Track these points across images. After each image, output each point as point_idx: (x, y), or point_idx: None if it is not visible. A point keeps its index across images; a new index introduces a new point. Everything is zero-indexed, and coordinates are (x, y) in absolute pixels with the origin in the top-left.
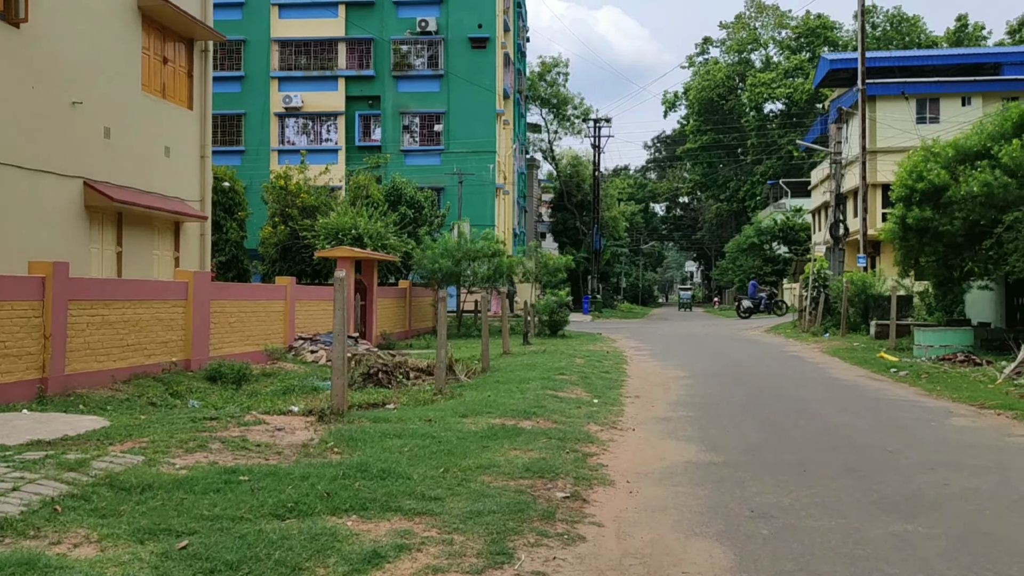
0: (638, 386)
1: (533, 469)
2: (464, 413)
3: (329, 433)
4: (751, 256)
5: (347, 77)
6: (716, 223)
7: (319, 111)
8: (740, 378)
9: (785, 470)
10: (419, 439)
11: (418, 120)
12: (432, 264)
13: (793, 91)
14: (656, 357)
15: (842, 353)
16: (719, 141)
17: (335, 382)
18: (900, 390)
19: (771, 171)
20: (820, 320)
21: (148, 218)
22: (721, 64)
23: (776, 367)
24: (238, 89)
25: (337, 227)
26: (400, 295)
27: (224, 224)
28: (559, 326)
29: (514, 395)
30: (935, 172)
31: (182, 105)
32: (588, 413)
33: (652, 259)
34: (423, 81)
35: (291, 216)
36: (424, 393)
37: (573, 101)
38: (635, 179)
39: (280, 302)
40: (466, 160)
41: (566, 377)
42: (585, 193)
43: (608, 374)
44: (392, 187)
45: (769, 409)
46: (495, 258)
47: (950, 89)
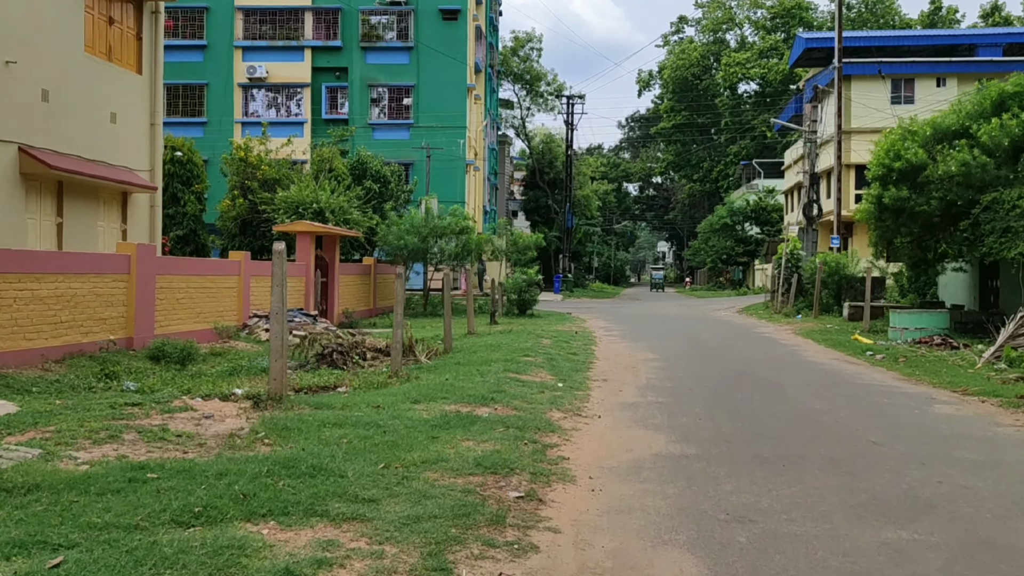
0: (606, 369)
1: (485, 464)
2: (417, 398)
3: (262, 421)
4: (723, 237)
5: (314, 48)
6: (689, 203)
7: (284, 82)
8: (712, 360)
9: (763, 465)
10: (362, 428)
11: (387, 93)
12: (397, 240)
13: (767, 71)
14: (626, 338)
15: (815, 335)
16: (693, 121)
17: (273, 365)
18: (878, 374)
19: (744, 152)
20: (793, 301)
21: (92, 188)
22: (696, 43)
23: (749, 349)
24: (200, 59)
25: (297, 201)
26: (364, 272)
27: (182, 197)
28: (528, 305)
29: (473, 378)
30: (912, 151)
31: (130, 69)
32: (551, 398)
33: (624, 239)
34: (392, 53)
35: (251, 189)
36: (379, 376)
37: (546, 77)
38: (608, 158)
39: (233, 278)
40: (436, 135)
41: (531, 359)
42: (557, 171)
43: (575, 356)
44: (357, 161)
45: (743, 394)
46: (463, 235)
47: (925, 69)
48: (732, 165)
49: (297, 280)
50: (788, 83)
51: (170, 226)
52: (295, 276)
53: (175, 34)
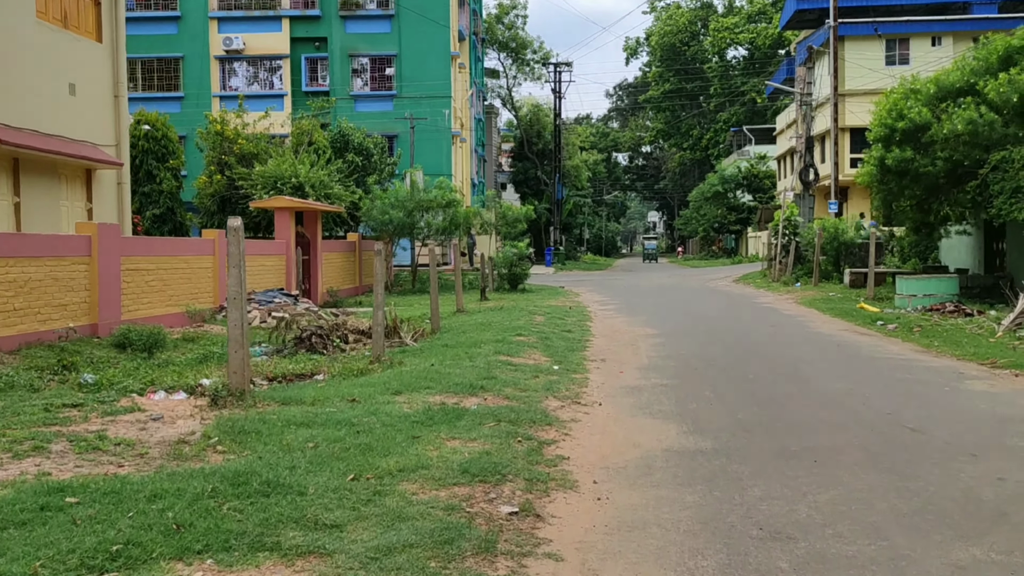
0: (604, 347)
1: (473, 470)
2: (398, 389)
3: (217, 423)
4: (715, 205)
5: (292, 17)
6: (679, 172)
7: (263, 54)
8: (715, 335)
9: (791, 461)
10: (333, 428)
11: (368, 63)
12: (382, 215)
13: (756, 36)
14: (622, 312)
15: (819, 304)
16: (682, 88)
17: (232, 356)
18: (894, 346)
19: (735, 118)
20: (791, 269)
21: (52, 164)
22: (683, 9)
23: (752, 321)
24: (174, 31)
25: (276, 175)
26: (349, 249)
27: (157, 174)
28: (519, 280)
29: (462, 363)
30: (916, 110)
31: (89, 37)
32: (547, 384)
33: (615, 210)
34: (373, 21)
35: (228, 165)
36: (360, 361)
37: (532, 45)
38: (597, 128)
39: (208, 257)
40: (420, 105)
41: (523, 339)
42: (546, 141)
43: (570, 333)
44: (338, 133)
45: (754, 373)
46: (450, 208)
47: (920, 28)
48: (722, 132)
49: (277, 259)
50: (778, 47)
51: (146, 205)
52: (274, 254)
53: (147, 5)
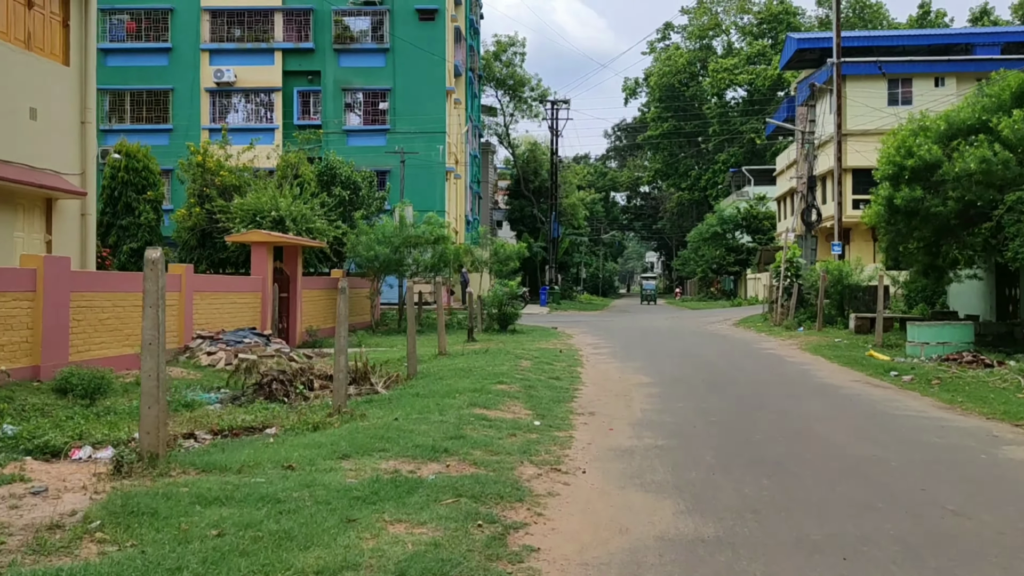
0: (593, 398)
1: (412, 572)
2: (347, 451)
3: (108, 500)
4: (713, 246)
5: (285, 50)
6: (677, 212)
7: (254, 87)
8: (716, 385)
9: (813, 556)
10: (252, 508)
11: (362, 97)
12: (367, 251)
13: (755, 77)
14: (616, 357)
15: (825, 351)
16: (680, 128)
17: (145, 414)
18: (913, 401)
19: (733, 159)
20: (793, 313)
21: (8, 193)
22: (682, 50)
23: (755, 369)
24: (165, 62)
25: (254, 208)
26: (332, 286)
27: (136, 207)
28: (509, 320)
29: (430, 416)
30: (926, 148)
31: (54, 59)
32: (524, 444)
33: (613, 249)
34: (367, 55)
35: (209, 197)
36: (319, 412)
37: (530, 82)
38: (595, 167)
39: (173, 294)
40: (414, 141)
41: (505, 387)
42: (543, 179)
43: (558, 381)
44: (325, 166)
45: (761, 433)
46: (439, 244)
47: (923, 69)
48: (721, 173)
49: (251, 296)
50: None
51: (124, 238)
52: (248, 291)
53: (137, 36)
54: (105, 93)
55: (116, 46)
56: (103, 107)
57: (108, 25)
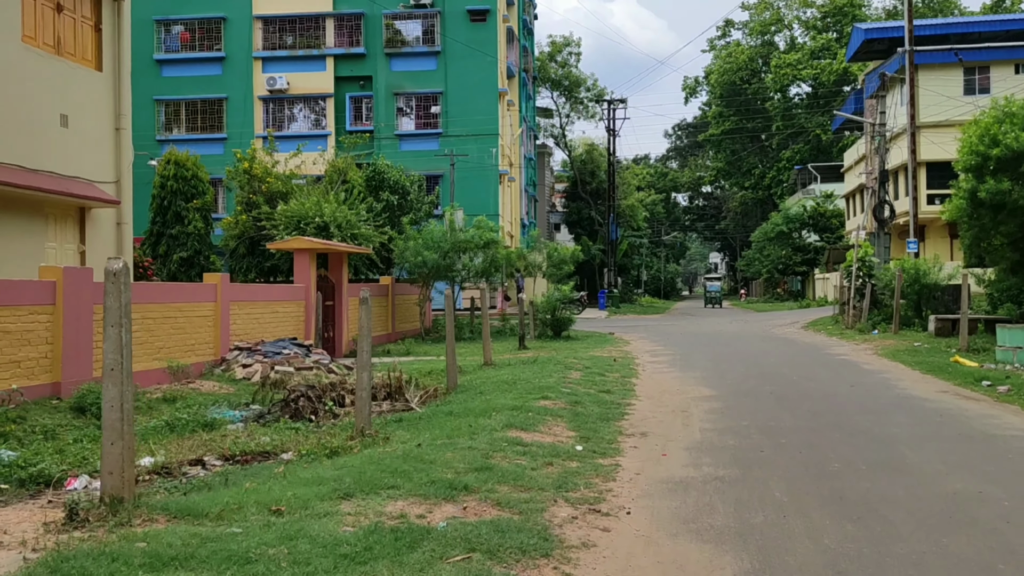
0: (647, 415)
1: None
2: (350, 489)
3: (39, 563)
4: (779, 245)
5: (336, 56)
6: (741, 212)
7: (306, 93)
8: (785, 398)
9: None
10: (213, 572)
11: (414, 101)
12: (415, 257)
13: (820, 72)
14: (675, 366)
15: (903, 356)
16: (743, 126)
17: (108, 451)
18: (1015, 417)
19: (798, 156)
20: (866, 315)
21: (36, 203)
22: (743, 46)
23: (828, 378)
24: (219, 71)
25: (298, 215)
26: (380, 293)
27: (185, 215)
28: (563, 326)
29: (458, 441)
30: (1012, 135)
31: (87, 65)
32: (560, 476)
33: (675, 251)
34: (418, 59)
35: (256, 204)
36: (341, 435)
37: (586, 83)
38: (656, 168)
39: (208, 305)
40: (466, 144)
41: (548, 403)
42: (600, 181)
43: (608, 395)
44: (373, 171)
45: (839, 460)
46: (489, 249)
47: (1002, 56)
48: (785, 171)
49: (294, 305)
50: (842, 84)
51: (174, 247)
52: (290, 300)
53: (191, 47)
54: (160, 103)
55: (171, 56)
56: (159, 117)
57: (162, 36)
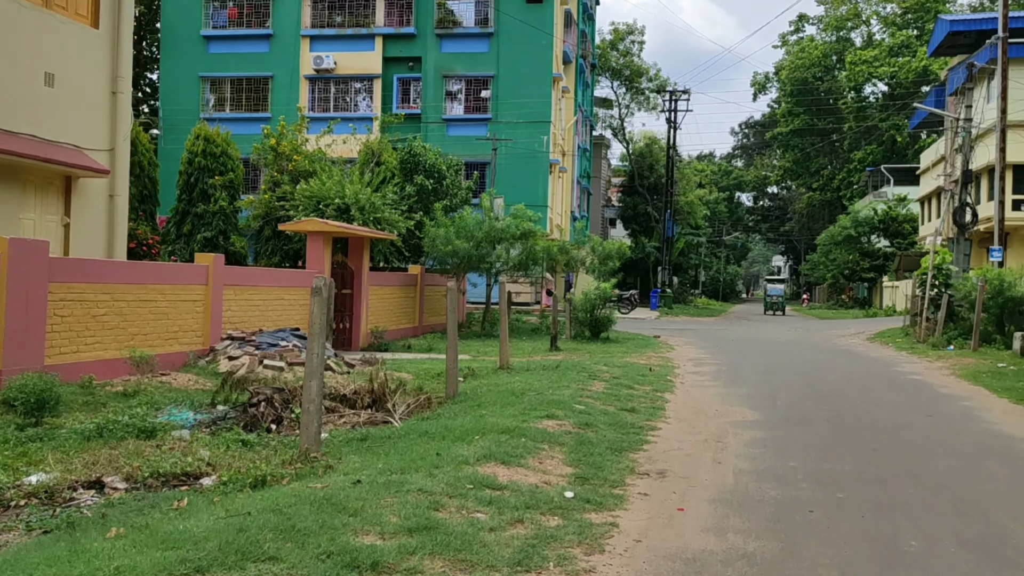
0: (672, 444)
1: None
2: (205, 562)
3: None
4: (846, 249)
5: (385, 36)
6: (807, 214)
7: (353, 74)
8: (847, 430)
9: None
10: None
11: (463, 85)
12: (445, 246)
13: (898, 70)
14: (719, 379)
15: (986, 379)
16: (813, 125)
17: None
18: None
19: (871, 158)
20: (942, 329)
21: (11, 168)
22: (817, 42)
23: (900, 405)
24: (266, 49)
25: (318, 195)
26: (408, 283)
27: (213, 194)
28: (602, 327)
29: (410, 479)
30: None
31: (80, 20)
32: (526, 545)
33: (736, 251)
34: (470, 40)
35: (281, 183)
36: (281, 456)
37: (648, 72)
38: (719, 165)
39: (197, 288)
40: (516, 130)
41: (553, 424)
42: (659, 175)
43: (631, 414)
44: (408, 152)
45: (922, 536)
46: (527, 239)
47: None
48: (856, 172)
49: (304, 292)
50: (921, 83)
51: (198, 227)
52: (300, 287)
53: (239, 23)
54: (206, 80)
55: (218, 32)
56: (203, 95)
57: (211, 11)
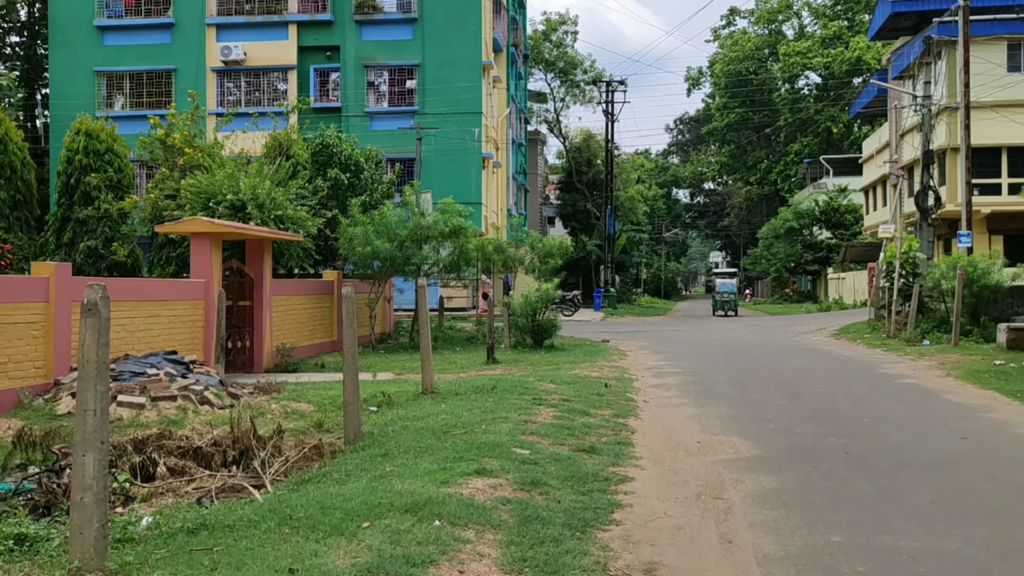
0: (652, 505)
1: None
2: None
3: None
4: (789, 242)
5: (299, 23)
6: (746, 208)
7: (266, 65)
8: (875, 469)
9: None
10: None
11: (386, 75)
12: (363, 247)
13: (831, 60)
14: (689, 393)
15: (992, 381)
16: (748, 119)
17: None
18: None
19: (807, 150)
20: (914, 322)
21: None
22: (750, 35)
23: (915, 421)
24: (167, 39)
25: (207, 191)
26: (322, 291)
27: (97, 196)
28: (545, 333)
29: None
30: None
31: None
32: None
33: (676, 248)
34: (392, 27)
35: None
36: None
37: (583, 64)
38: (656, 162)
39: (35, 306)
40: (446, 122)
41: (485, 484)
42: (597, 170)
43: (592, 455)
44: (320, 144)
45: None
46: (457, 238)
47: None
48: (793, 165)
49: (187, 306)
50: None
51: (81, 234)
52: (182, 300)
53: (137, 11)
54: (102, 75)
55: (113, 23)
56: (99, 90)
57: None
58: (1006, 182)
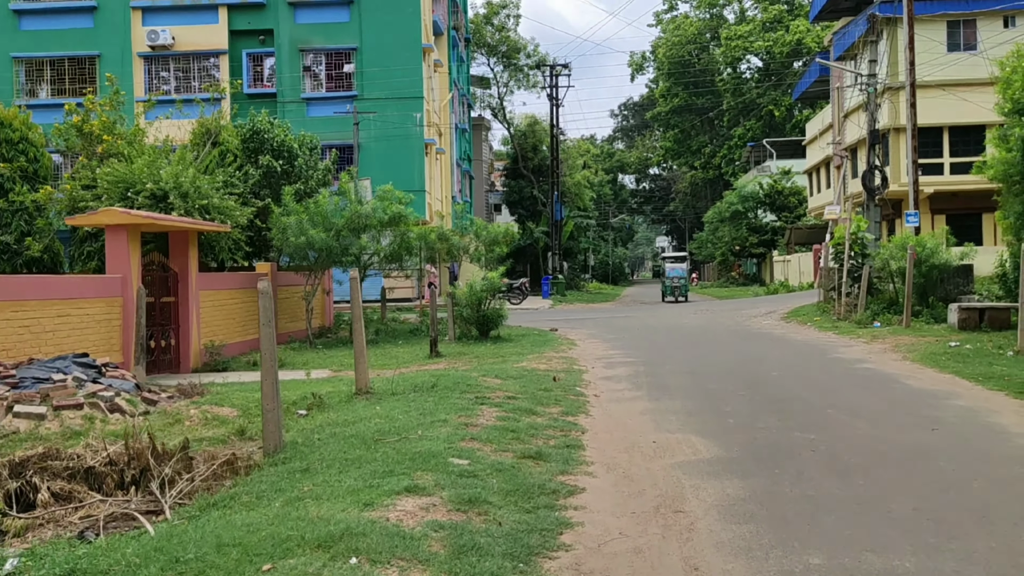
0: (606, 523)
1: None
2: None
3: None
4: (734, 226)
5: (230, 6)
6: (691, 192)
7: (195, 50)
8: (848, 467)
9: None
10: None
11: (323, 59)
12: (297, 237)
13: (772, 44)
14: (641, 386)
15: (948, 363)
16: (692, 104)
17: None
18: None
19: (750, 133)
20: (864, 304)
21: None
22: (692, 19)
23: (879, 410)
24: (89, 24)
25: (126, 180)
26: (250, 284)
27: (10, 188)
28: (491, 324)
29: None
30: None
31: None
32: None
33: (623, 234)
34: (328, 9)
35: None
36: None
37: (526, 48)
38: (602, 147)
39: None
40: (386, 107)
41: (413, 506)
42: (543, 156)
43: (539, 461)
44: (251, 130)
45: None
46: (398, 226)
47: (988, 6)
48: (737, 148)
49: (104, 304)
50: (794, 58)
51: None
52: (95, 297)
53: None
54: (20, 62)
55: (31, 6)
56: (18, 78)
57: None
58: (948, 161)
